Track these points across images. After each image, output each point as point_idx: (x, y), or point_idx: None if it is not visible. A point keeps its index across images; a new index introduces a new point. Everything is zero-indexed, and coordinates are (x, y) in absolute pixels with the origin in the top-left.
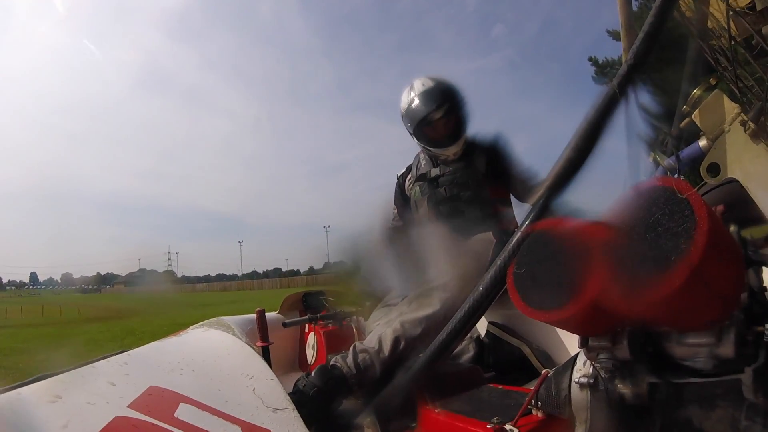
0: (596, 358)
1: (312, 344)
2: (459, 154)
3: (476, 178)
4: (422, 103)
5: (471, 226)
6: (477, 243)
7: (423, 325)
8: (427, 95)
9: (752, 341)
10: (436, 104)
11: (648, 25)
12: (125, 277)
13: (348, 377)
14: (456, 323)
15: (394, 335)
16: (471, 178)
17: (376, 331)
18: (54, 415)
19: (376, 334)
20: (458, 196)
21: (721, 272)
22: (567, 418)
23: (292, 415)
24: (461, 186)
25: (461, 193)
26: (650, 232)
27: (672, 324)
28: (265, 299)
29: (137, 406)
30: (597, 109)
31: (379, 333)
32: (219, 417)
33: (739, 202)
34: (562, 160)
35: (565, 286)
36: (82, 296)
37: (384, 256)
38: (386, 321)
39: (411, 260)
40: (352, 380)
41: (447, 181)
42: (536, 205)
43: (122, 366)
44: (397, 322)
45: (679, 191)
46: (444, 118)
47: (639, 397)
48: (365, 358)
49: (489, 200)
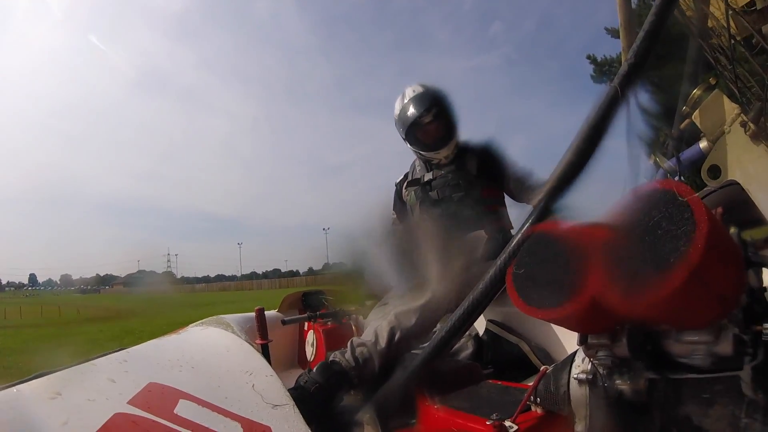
0: (595, 355)
1: (311, 342)
2: (450, 158)
3: (468, 179)
4: (413, 107)
5: (463, 225)
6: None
7: (416, 315)
8: (417, 100)
9: (750, 340)
10: (425, 108)
11: (648, 24)
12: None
13: (348, 371)
14: (455, 321)
15: (389, 326)
16: (462, 178)
17: (372, 325)
18: (54, 412)
19: (372, 327)
20: (450, 197)
21: (720, 273)
22: (566, 414)
23: (291, 411)
24: (453, 188)
25: (453, 195)
26: (650, 234)
27: (671, 323)
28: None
29: (137, 403)
30: (598, 110)
31: (374, 326)
32: (218, 413)
33: (739, 204)
34: (563, 162)
35: (564, 285)
36: (81, 297)
37: (383, 259)
38: (381, 315)
39: (407, 262)
40: (353, 374)
41: (439, 184)
42: (537, 207)
43: (122, 363)
44: (392, 314)
45: (680, 194)
46: (434, 121)
47: (638, 393)
48: (363, 352)
49: (481, 200)
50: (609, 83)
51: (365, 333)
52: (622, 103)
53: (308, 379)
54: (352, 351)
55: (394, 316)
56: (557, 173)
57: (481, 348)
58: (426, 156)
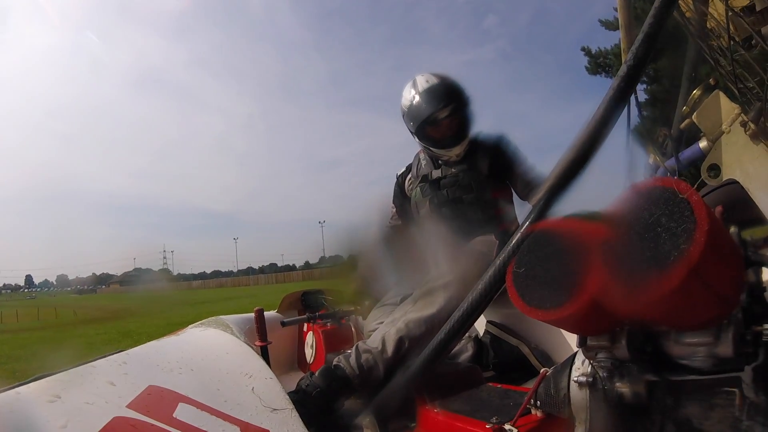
0: (595, 357)
1: (311, 343)
2: (462, 155)
3: (479, 180)
4: (426, 101)
5: (473, 228)
6: (480, 244)
7: (427, 325)
8: (432, 93)
9: (751, 340)
10: (441, 104)
11: (648, 25)
12: (121, 277)
13: (351, 378)
14: (455, 322)
15: (397, 335)
16: (474, 180)
17: (380, 331)
18: (53, 415)
19: (380, 334)
20: (461, 199)
21: (720, 272)
22: (566, 417)
23: (290, 415)
24: (464, 189)
25: (464, 196)
26: (650, 231)
27: (671, 323)
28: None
29: (136, 406)
30: (599, 111)
31: (382, 333)
32: (218, 417)
33: (739, 203)
34: (563, 160)
35: (563, 286)
36: (78, 297)
37: (382, 255)
38: (390, 320)
39: (410, 259)
40: (356, 381)
41: (449, 183)
42: (537, 205)
43: (121, 365)
44: (402, 321)
45: (680, 192)
46: (449, 117)
47: (638, 396)
48: (368, 359)
49: (491, 202)
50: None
51: (372, 338)
52: (623, 104)
53: (310, 382)
54: (357, 357)
55: (404, 324)
56: (556, 171)
57: (481, 350)
58: (436, 153)
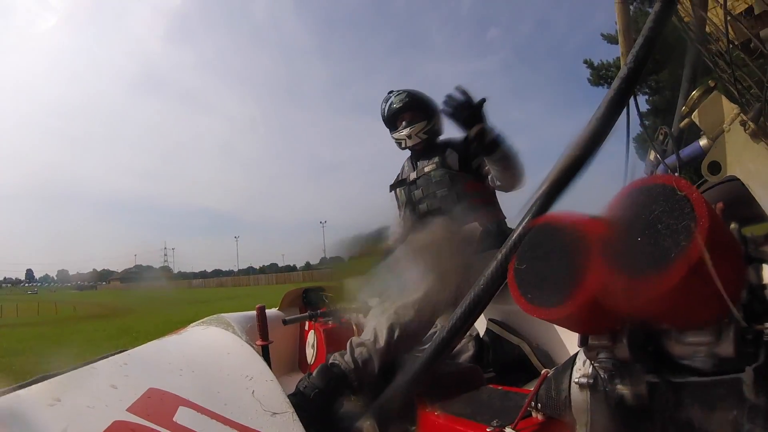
0: (596, 357)
1: (312, 343)
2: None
3: (450, 175)
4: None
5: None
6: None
7: (415, 309)
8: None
9: (752, 340)
10: (389, 92)
11: (647, 30)
12: (121, 274)
13: (348, 374)
14: (455, 320)
15: (388, 323)
16: (444, 176)
17: (371, 323)
18: (53, 419)
19: (371, 325)
20: (434, 194)
21: (720, 270)
22: (567, 420)
23: (291, 418)
24: (437, 184)
25: (437, 192)
26: (650, 228)
27: (671, 322)
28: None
29: (136, 410)
30: (599, 111)
31: (373, 324)
32: (218, 421)
33: (740, 200)
34: (564, 158)
35: (565, 283)
36: (77, 293)
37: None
38: (380, 311)
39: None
40: (352, 376)
41: (423, 182)
42: (537, 200)
43: (122, 366)
44: (391, 309)
45: (679, 188)
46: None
47: (639, 397)
48: (362, 352)
49: (465, 195)
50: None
51: (364, 332)
52: (622, 107)
53: (308, 384)
54: (351, 352)
55: (394, 311)
56: (557, 169)
57: (482, 349)
58: (395, 138)
